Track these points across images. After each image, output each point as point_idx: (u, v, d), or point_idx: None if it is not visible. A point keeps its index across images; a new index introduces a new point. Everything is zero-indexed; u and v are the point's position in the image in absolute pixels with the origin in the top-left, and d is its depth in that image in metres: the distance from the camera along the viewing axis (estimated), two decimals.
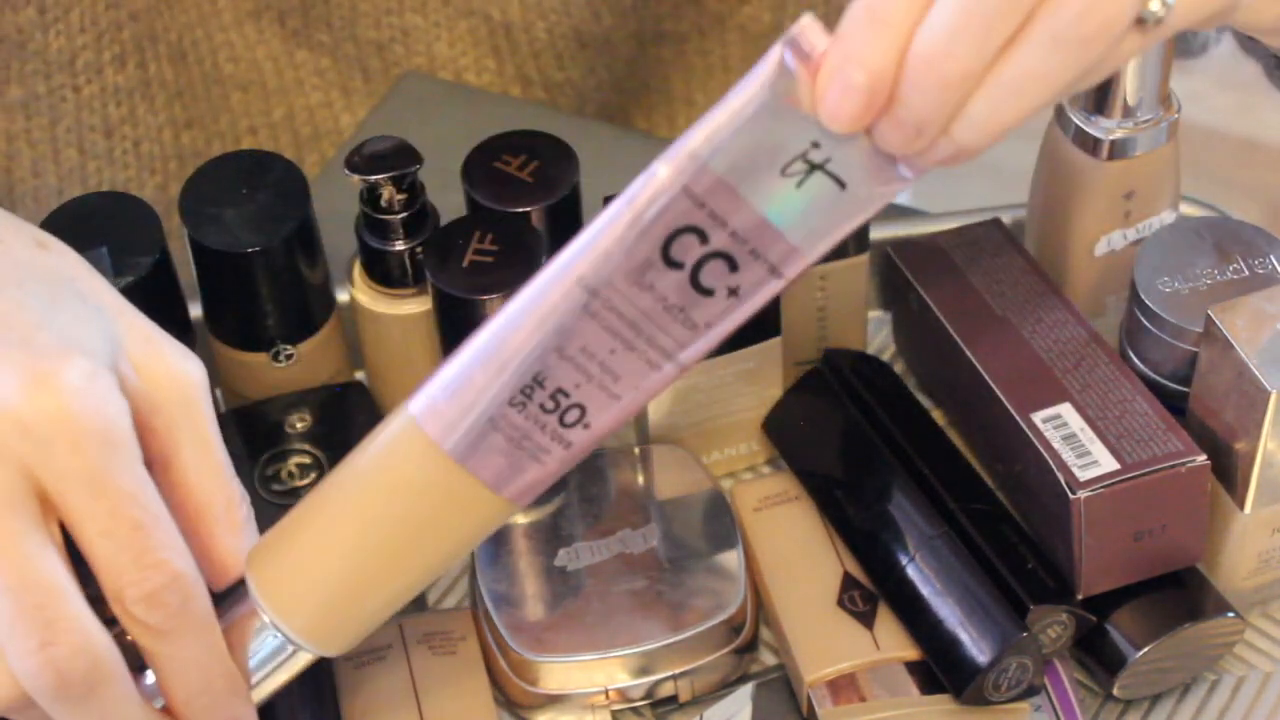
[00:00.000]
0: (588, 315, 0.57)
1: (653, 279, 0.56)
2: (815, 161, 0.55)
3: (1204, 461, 0.71)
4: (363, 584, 0.61)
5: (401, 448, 0.60)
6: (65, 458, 0.57)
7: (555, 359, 0.57)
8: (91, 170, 0.95)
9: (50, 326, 0.59)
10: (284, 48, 0.97)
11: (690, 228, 0.55)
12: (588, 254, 0.56)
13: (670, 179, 0.55)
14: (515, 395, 0.58)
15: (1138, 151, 0.77)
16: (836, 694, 0.73)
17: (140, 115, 0.95)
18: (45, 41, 0.90)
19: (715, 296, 0.57)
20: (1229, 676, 0.76)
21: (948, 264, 0.80)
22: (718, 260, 0.56)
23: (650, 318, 0.57)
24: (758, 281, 0.57)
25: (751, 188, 0.55)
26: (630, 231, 0.56)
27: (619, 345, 0.57)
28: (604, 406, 0.58)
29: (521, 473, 0.59)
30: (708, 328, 0.57)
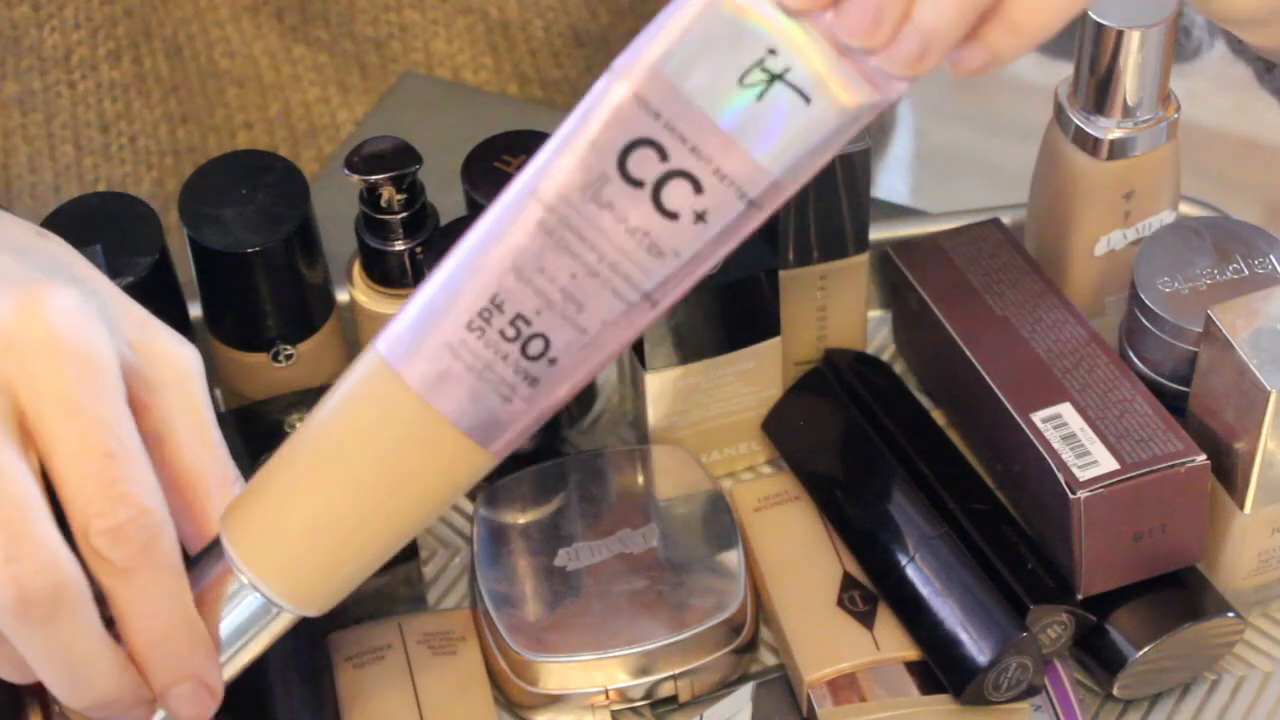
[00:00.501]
0: (543, 232, 0.54)
1: (610, 196, 0.53)
2: (774, 70, 0.52)
3: (1204, 461, 0.71)
4: (338, 532, 0.58)
5: (367, 385, 0.57)
6: (43, 375, 0.56)
7: (513, 280, 0.54)
8: (88, 166, 0.95)
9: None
10: (281, 43, 0.97)
11: (646, 140, 0.53)
12: (544, 169, 0.54)
13: (621, 85, 0.53)
14: (473, 319, 0.55)
15: (1137, 151, 0.77)
16: (836, 694, 0.73)
17: (136, 111, 0.95)
18: (40, 37, 0.90)
19: (681, 221, 0.53)
20: (1229, 676, 0.76)
21: (948, 264, 0.80)
22: (680, 179, 0.53)
23: (611, 240, 0.54)
24: (727, 207, 0.53)
25: (708, 98, 0.52)
26: (582, 143, 0.53)
27: (580, 269, 0.54)
28: (570, 341, 0.55)
29: (489, 412, 0.56)
30: (676, 256, 0.54)
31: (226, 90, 0.97)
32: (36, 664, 0.58)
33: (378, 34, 0.97)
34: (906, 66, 0.52)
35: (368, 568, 0.60)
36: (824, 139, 0.53)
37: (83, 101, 0.93)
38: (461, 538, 0.81)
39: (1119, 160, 0.77)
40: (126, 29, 0.92)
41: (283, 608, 0.60)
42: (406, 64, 0.98)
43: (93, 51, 0.92)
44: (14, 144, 0.94)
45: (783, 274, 0.79)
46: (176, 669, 0.59)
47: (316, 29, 0.96)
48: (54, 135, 0.94)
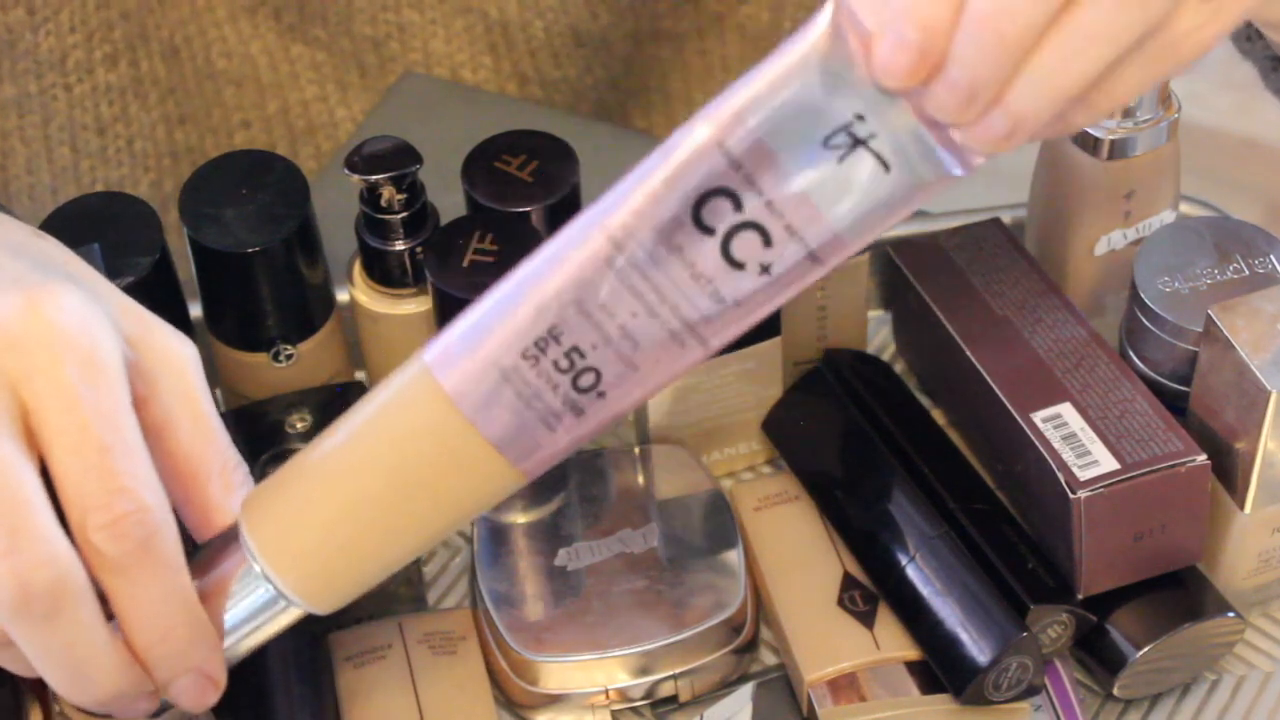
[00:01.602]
0: (610, 269, 0.54)
1: (681, 240, 0.54)
2: (859, 135, 0.52)
3: (1204, 461, 0.71)
4: (360, 534, 0.59)
5: (410, 394, 0.57)
6: (45, 372, 0.56)
7: (573, 313, 0.55)
8: (85, 169, 0.95)
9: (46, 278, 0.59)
10: (279, 43, 0.97)
11: (724, 190, 0.53)
12: (617, 205, 0.54)
13: (707, 134, 0.53)
14: (529, 347, 0.55)
15: (1138, 151, 0.77)
16: (836, 694, 0.73)
17: (133, 113, 0.95)
18: (35, 41, 0.90)
19: (746, 271, 0.54)
20: (1229, 676, 0.76)
21: (948, 264, 0.80)
22: (751, 231, 0.54)
23: (676, 283, 0.54)
24: (792, 263, 0.54)
25: (791, 155, 0.53)
26: (661, 186, 0.54)
27: (641, 309, 0.55)
28: (621, 376, 0.56)
29: (530, 436, 0.57)
30: (736, 305, 0.55)
31: (224, 90, 0.97)
32: (38, 661, 0.58)
33: (376, 34, 0.97)
34: (991, 146, 0.52)
35: (382, 573, 0.60)
36: (896, 206, 0.54)
37: (79, 105, 0.93)
38: (462, 538, 0.81)
39: (1119, 160, 0.77)
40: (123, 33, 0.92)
41: (292, 602, 0.59)
42: (405, 64, 0.98)
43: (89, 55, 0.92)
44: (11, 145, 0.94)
45: None
46: (178, 663, 0.59)
47: (315, 29, 0.96)
48: (51, 138, 0.94)
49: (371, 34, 0.97)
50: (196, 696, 0.60)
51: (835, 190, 0.53)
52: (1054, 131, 0.54)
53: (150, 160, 0.97)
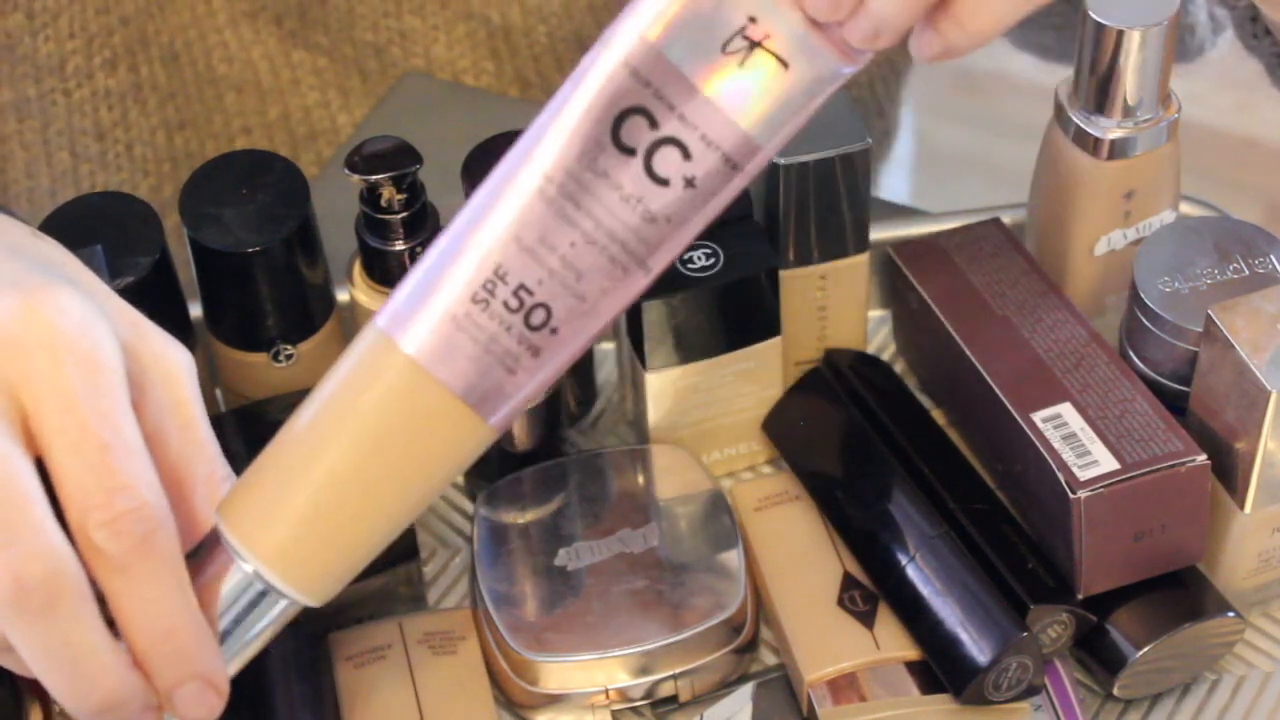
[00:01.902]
0: (543, 201, 0.55)
1: (605, 164, 0.55)
2: (754, 37, 0.54)
3: (1204, 461, 0.71)
4: (340, 512, 0.58)
5: (370, 360, 0.57)
6: (44, 373, 0.56)
7: (514, 250, 0.56)
8: (84, 173, 0.95)
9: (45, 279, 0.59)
10: (280, 48, 0.97)
11: (637, 108, 0.54)
12: (540, 138, 0.55)
13: (613, 56, 0.54)
14: (478, 291, 0.56)
15: (1138, 151, 0.77)
16: (836, 694, 0.73)
17: (133, 118, 0.95)
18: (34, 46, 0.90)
19: (671, 186, 0.55)
20: (1229, 676, 0.76)
21: (948, 264, 0.80)
22: (670, 146, 0.55)
23: (607, 207, 0.55)
24: (714, 172, 0.55)
25: (694, 66, 0.54)
26: (580, 113, 0.55)
27: (578, 237, 0.55)
28: (570, 309, 0.56)
29: (492, 383, 0.57)
30: (668, 222, 0.56)
31: (225, 96, 0.97)
32: (35, 661, 0.57)
33: (378, 40, 0.97)
34: (863, 43, 0.54)
35: (371, 550, 0.59)
36: (801, 103, 0.55)
37: (78, 110, 0.93)
38: (461, 538, 0.81)
39: (1119, 160, 0.77)
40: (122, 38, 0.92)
41: (285, 595, 0.59)
42: (407, 69, 0.98)
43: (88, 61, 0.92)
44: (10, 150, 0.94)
45: (783, 274, 0.79)
46: (181, 668, 0.58)
47: (316, 35, 0.96)
48: (50, 142, 0.94)
49: (373, 40, 0.97)
50: (200, 707, 0.59)
51: (741, 95, 0.54)
52: (939, 52, 0.56)
53: (150, 165, 0.97)
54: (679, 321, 0.77)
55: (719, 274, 0.76)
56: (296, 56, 0.97)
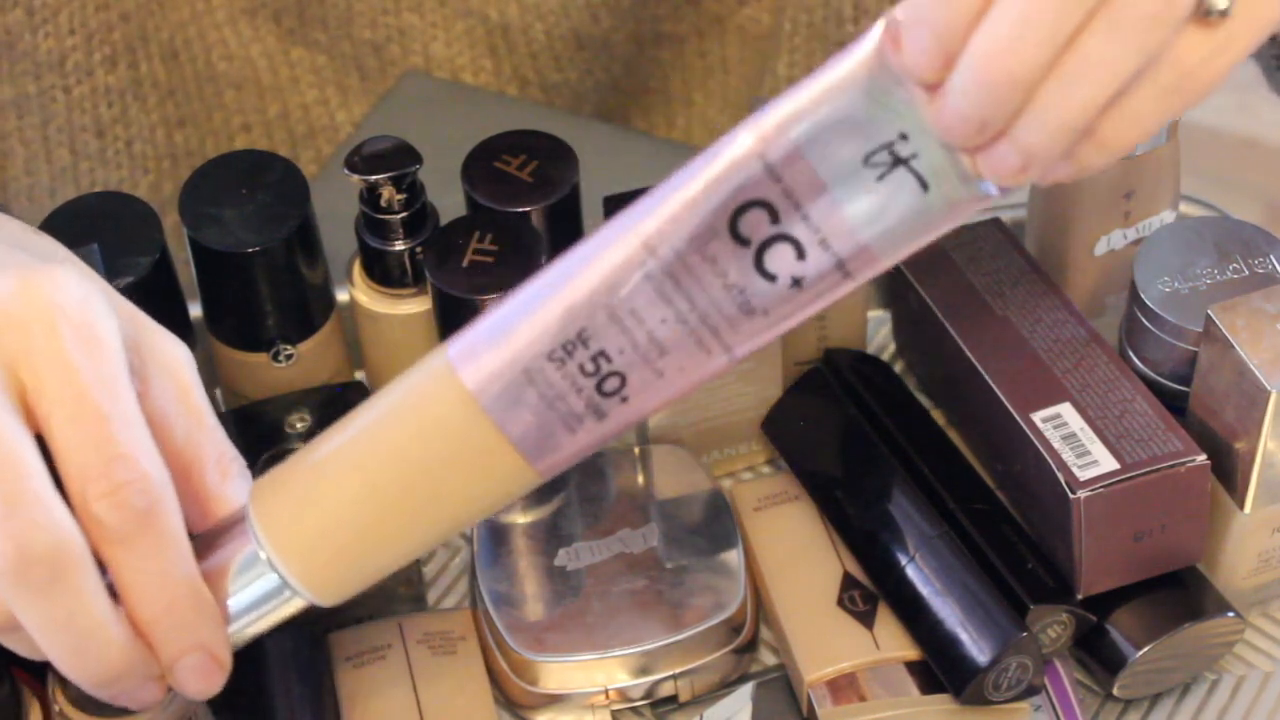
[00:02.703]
0: (643, 276, 0.54)
1: (715, 250, 0.54)
2: (901, 155, 0.53)
3: (1204, 461, 0.71)
4: (371, 527, 0.58)
5: (431, 388, 0.57)
6: (43, 348, 0.56)
7: (603, 317, 0.55)
8: (84, 170, 0.95)
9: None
10: (279, 46, 0.97)
11: (762, 202, 0.53)
12: (653, 211, 0.54)
13: (749, 145, 0.53)
14: (556, 350, 0.55)
15: (1138, 151, 0.77)
16: (836, 694, 0.73)
17: (132, 115, 0.95)
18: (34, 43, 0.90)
19: (777, 283, 0.54)
20: (1229, 676, 0.76)
21: (948, 264, 0.80)
22: (785, 244, 0.54)
23: (708, 292, 0.54)
24: (823, 276, 0.54)
25: (831, 171, 0.53)
26: (699, 194, 0.54)
27: (671, 316, 0.55)
28: (645, 381, 0.56)
29: (550, 438, 0.56)
30: (765, 316, 0.55)
31: (224, 93, 0.97)
32: (39, 634, 0.57)
33: (376, 37, 0.97)
34: (1009, 178, 0.53)
35: (390, 567, 0.59)
36: (931, 225, 0.54)
37: (78, 106, 0.93)
38: (461, 538, 0.81)
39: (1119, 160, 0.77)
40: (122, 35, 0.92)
41: (297, 592, 0.59)
42: (406, 67, 0.98)
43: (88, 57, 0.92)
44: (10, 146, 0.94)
45: None
46: (183, 639, 0.58)
47: (315, 32, 0.96)
48: (49, 139, 0.94)
49: (371, 38, 0.97)
50: (202, 678, 0.59)
51: (872, 207, 0.53)
52: (1073, 170, 0.54)
53: (149, 162, 0.97)
54: None
55: None
56: (296, 54, 0.97)
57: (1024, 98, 0.52)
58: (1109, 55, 0.51)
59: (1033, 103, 0.52)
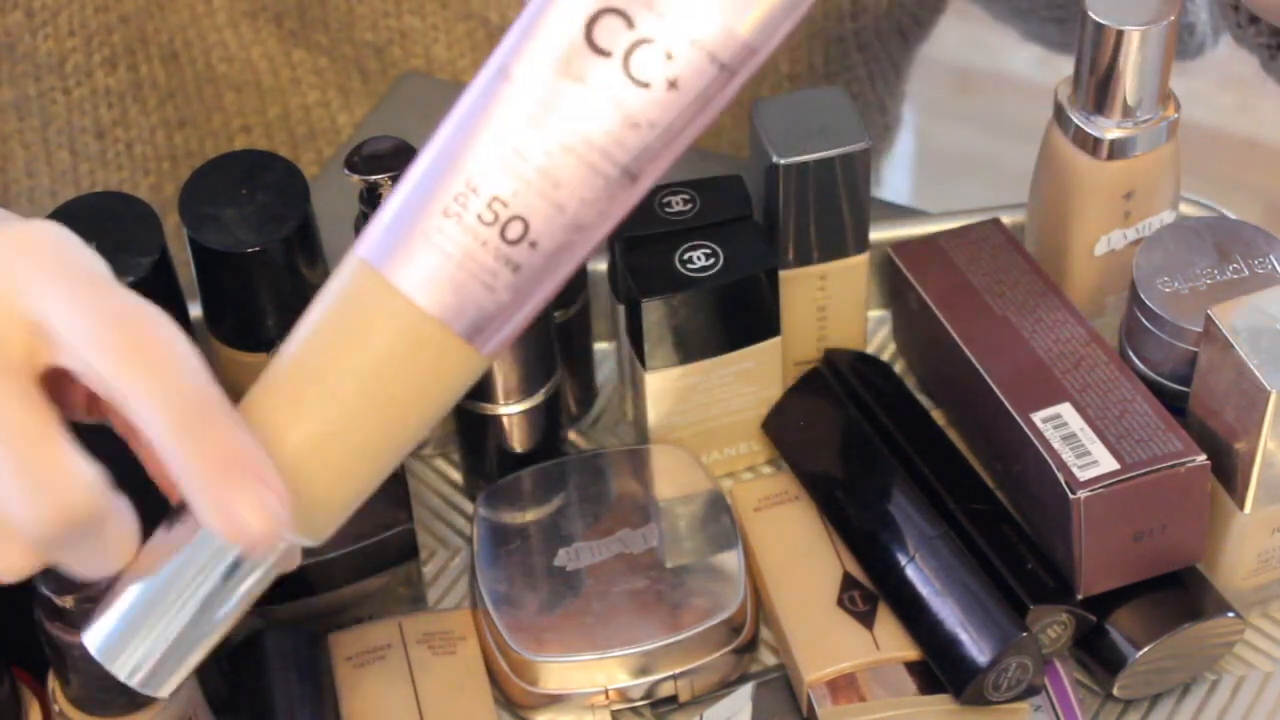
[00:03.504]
0: (514, 109, 0.53)
1: (580, 69, 0.52)
2: None
3: (1204, 461, 0.71)
4: (335, 448, 0.55)
5: (346, 286, 0.55)
6: (34, 284, 0.54)
7: (485, 159, 0.53)
8: (84, 172, 0.95)
9: None
10: (280, 48, 0.97)
11: (610, 8, 0.52)
12: (511, 45, 0.53)
13: None
14: (449, 204, 0.53)
15: (1137, 151, 0.77)
16: (836, 694, 0.73)
17: (132, 117, 0.95)
18: (34, 44, 0.90)
19: (653, 89, 0.52)
20: (1229, 676, 0.76)
21: (948, 264, 0.80)
22: (649, 47, 0.52)
23: (584, 113, 0.52)
24: (700, 73, 0.52)
25: None
26: (549, 13, 0.52)
27: (554, 145, 0.53)
28: (549, 220, 0.53)
29: (472, 302, 0.54)
30: (651, 126, 0.52)
31: (224, 95, 0.97)
32: (76, 567, 0.56)
33: (377, 40, 0.97)
34: None
35: (369, 485, 0.57)
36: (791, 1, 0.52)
37: (78, 108, 0.93)
38: (461, 538, 0.81)
39: (1119, 160, 0.77)
40: (122, 36, 0.92)
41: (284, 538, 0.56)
42: (407, 69, 0.98)
43: (87, 59, 0.92)
44: (10, 149, 0.94)
45: (783, 274, 0.79)
46: (217, 448, 0.54)
47: (316, 34, 0.96)
48: (50, 141, 0.94)
49: (373, 40, 0.97)
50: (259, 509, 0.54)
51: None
52: None
53: (150, 164, 0.97)
54: (678, 321, 0.77)
55: (718, 274, 0.76)
56: (297, 56, 0.97)
57: None
58: None
59: None
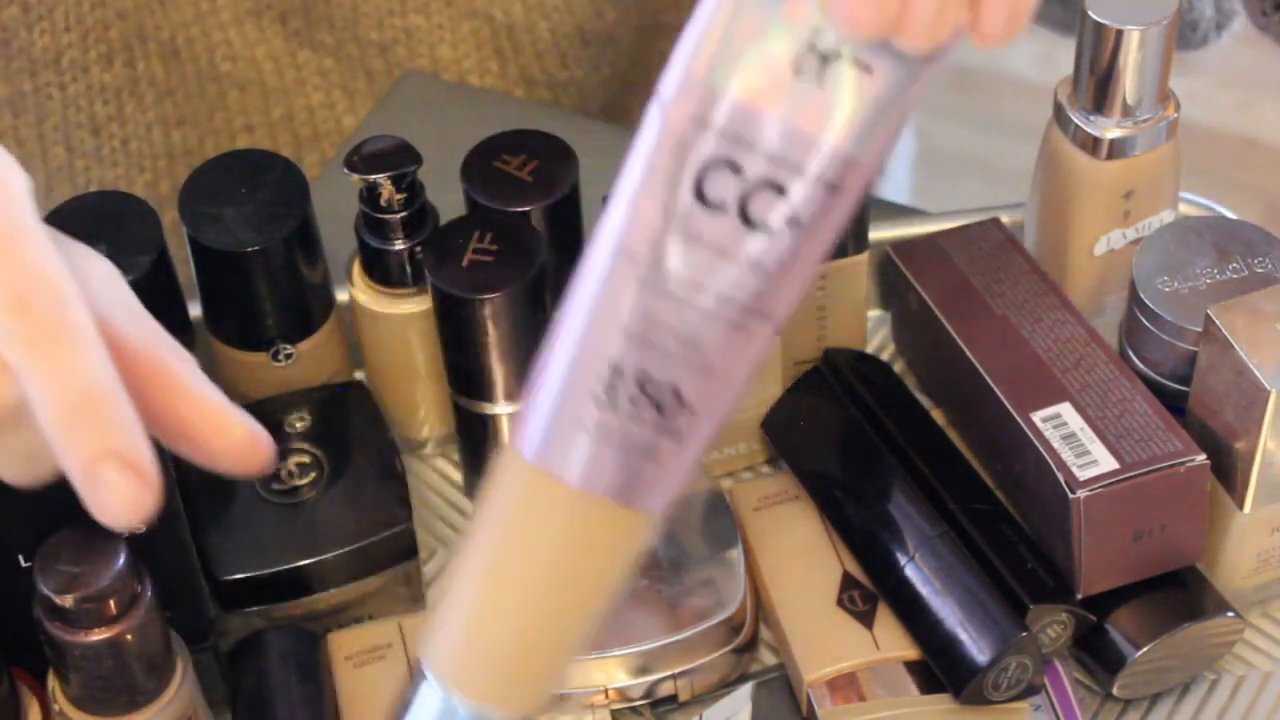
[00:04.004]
0: (640, 286, 0.51)
1: (698, 228, 0.50)
2: (826, 51, 0.48)
3: (1204, 461, 0.71)
4: (534, 639, 0.55)
5: (516, 488, 0.54)
6: None
7: (623, 342, 0.51)
8: (80, 168, 0.95)
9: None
10: (285, 47, 0.97)
11: (716, 160, 0.50)
12: (621, 218, 0.51)
13: (674, 112, 0.50)
14: (599, 394, 0.52)
15: (1137, 151, 0.77)
16: (836, 693, 0.73)
17: (129, 113, 0.95)
18: (30, 39, 0.90)
19: (774, 229, 0.50)
20: (1229, 676, 0.76)
21: (948, 264, 0.80)
22: (762, 190, 0.50)
23: (711, 271, 0.50)
24: (816, 201, 0.50)
25: (766, 97, 0.49)
26: (655, 182, 0.50)
27: (688, 309, 0.51)
28: (700, 384, 0.52)
29: (639, 477, 0.53)
30: (781, 267, 0.51)
31: (228, 93, 0.97)
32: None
33: (383, 39, 0.97)
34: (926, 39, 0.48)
35: (566, 660, 0.57)
36: (893, 103, 0.49)
37: (73, 104, 0.93)
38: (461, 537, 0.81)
39: (1119, 160, 0.77)
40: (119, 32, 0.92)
41: None
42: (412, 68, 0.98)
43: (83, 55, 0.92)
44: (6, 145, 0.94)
45: None
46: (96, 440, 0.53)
47: (322, 33, 0.96)
48: (45, 137, 0.94)
49: (378, 39, 0.97)
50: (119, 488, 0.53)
51: (826, 113, 0.49)
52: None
53: (146, 161, 0.97)
54: None
55: None
56: (302, 56, 0.97)
57: None
58: None
59: None
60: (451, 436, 0.83)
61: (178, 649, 0.67)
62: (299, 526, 0.74)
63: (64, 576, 0.63)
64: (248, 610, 0.75)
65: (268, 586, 0.74)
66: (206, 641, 0.72)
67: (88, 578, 0.63)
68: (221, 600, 0.74)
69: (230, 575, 0.74)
